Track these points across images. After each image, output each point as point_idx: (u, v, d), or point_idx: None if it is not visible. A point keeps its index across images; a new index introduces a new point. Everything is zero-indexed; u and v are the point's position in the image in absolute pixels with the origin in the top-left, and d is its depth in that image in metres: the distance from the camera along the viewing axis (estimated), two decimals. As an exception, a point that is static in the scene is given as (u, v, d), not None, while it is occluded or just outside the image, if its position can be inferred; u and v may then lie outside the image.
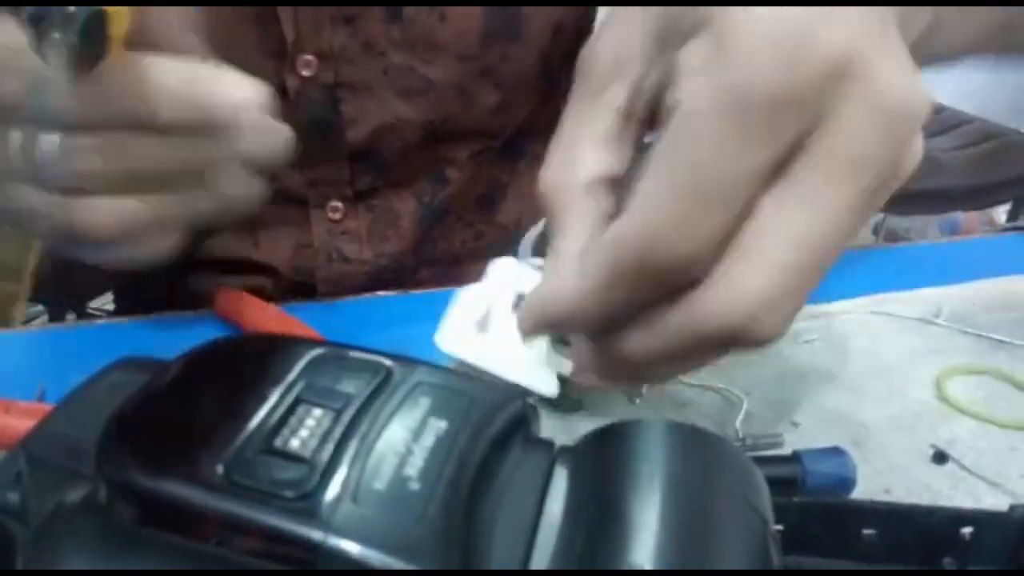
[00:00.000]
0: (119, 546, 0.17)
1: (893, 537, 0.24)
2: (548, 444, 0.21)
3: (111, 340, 0.39)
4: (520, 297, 0.31)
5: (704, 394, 0.34)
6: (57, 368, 0.31)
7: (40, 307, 1.09)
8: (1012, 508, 0.23)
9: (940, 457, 0.31)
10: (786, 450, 0.30)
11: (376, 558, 0.16)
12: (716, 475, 0.21)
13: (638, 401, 0.34)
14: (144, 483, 0.17)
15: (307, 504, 0.16)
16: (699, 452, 0.21)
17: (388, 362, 0.21)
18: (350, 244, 0.50)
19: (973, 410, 0.34)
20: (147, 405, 0.19)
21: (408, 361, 0.21)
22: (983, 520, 0.23)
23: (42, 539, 0.18)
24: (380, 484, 0.17)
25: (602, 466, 0.21)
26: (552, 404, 0.33)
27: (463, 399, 0.20)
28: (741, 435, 0.32)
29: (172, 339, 0.37)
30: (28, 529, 0.19)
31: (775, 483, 0.28)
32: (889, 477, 0.30)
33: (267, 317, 0.40)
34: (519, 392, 0.21)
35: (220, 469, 0.17)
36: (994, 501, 0.29)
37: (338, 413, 0.19)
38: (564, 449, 0.22)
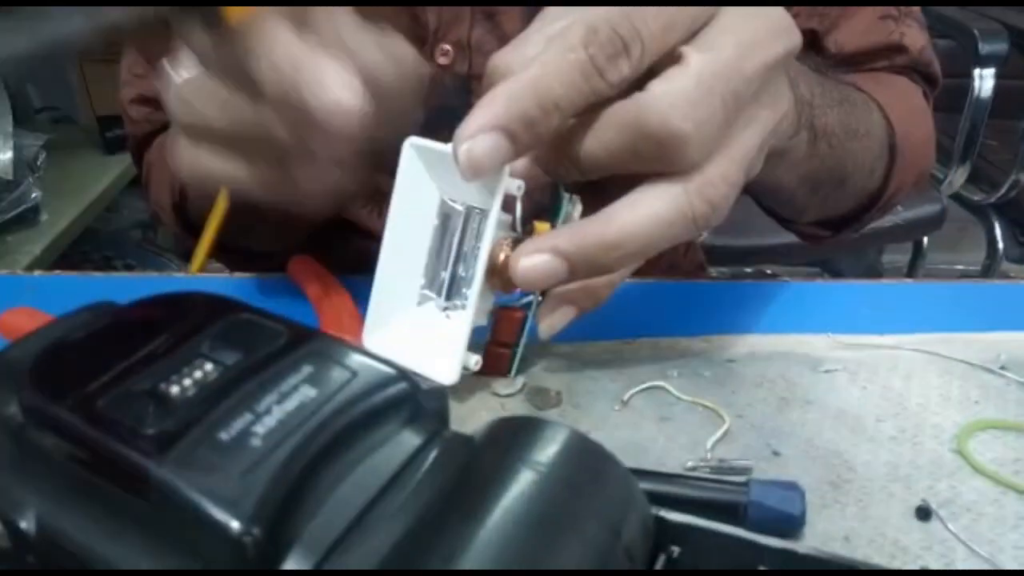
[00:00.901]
0: (21, 460, 0.20)
1: (789, 580, 0.22)
2: (435, 428, 0.22)
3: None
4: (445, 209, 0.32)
5: (693, 410, 0.34)
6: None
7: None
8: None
9: (923, 513, 0.28)
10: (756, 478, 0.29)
11: (190, 494, 0.18)
12: (575, 482, 0.21)
13: (617, 408, 0.33)
14: (41, 408, 0.20)
15: (156, 442, 0.19)
16: (570, 460, 0.21)
17: (289, 329, 0.23)
18: None
19: (990, 470, 0.30)
20: (77, 343, 0.22)
21: (312, 333, 0.23)
22: (887, 580, 0.21)
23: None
24: (226, 435, 0.19)
25: (472, 453, 0.22)
26: (530, 397, 0.34)
27: (345, 373, 0.22)
28: (709, 456, 0.31)
29: (247, 294, 0.41)
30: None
31: (717, 508, 0.28)
32: (856, 524, 0.28)
33: (322, 285, 0.43)
34: (406, 374, 0.22)
35: (100, 404, 0.20)
36: (967, 568, 0.26)
37: (226, 369, 0.21)
38: (455, 435, 0.23)
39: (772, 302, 0.42)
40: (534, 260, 0.28)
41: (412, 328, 0.33)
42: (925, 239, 1.63)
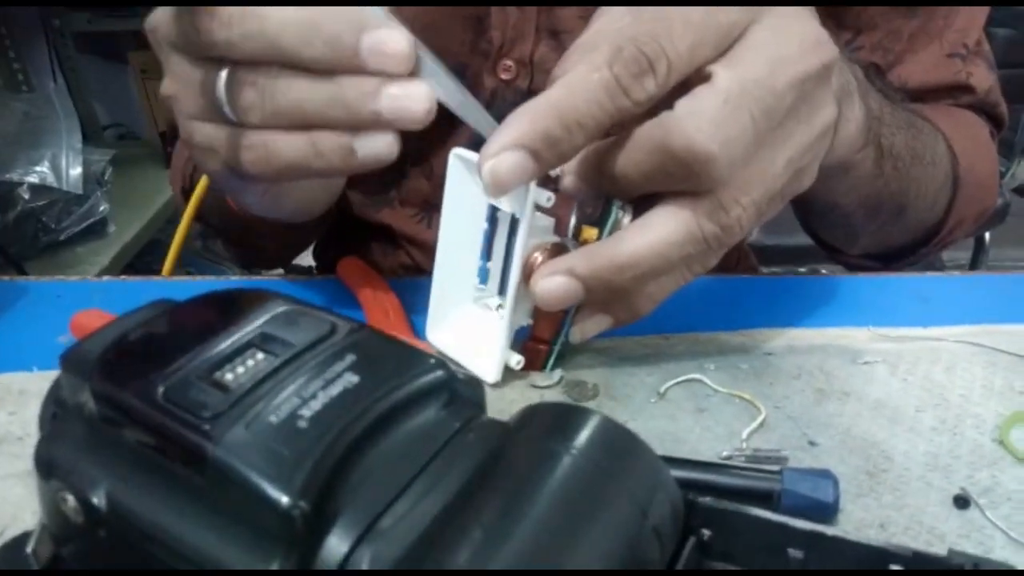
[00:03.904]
0: (94, 442, 0.22)
1: (818, 562, 0.23)
2: (472, 414, 0.24)
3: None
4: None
5: (729, 401, 0.34)
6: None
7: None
8: (951, 553, 0.21)
9: (962, 502, 0.28)
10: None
11: (243, 472, 0.19)
12: (603, 462, 0.21)
13: (654, 400, 0.34)
14: (109, 396, 0.22)
15: (211, 424, 0.20)
16: (599, 442, 0.22)
17: (335, 321, 0.24)
18: None
19: (1033, 459, 0.30)
20: (140, 337, 0.24)
21: (356, 325, 0.24)
22: (915, 562, 0.22)
23: (48, 433, 0.23)
24: (275, 418, 0.21)
25: (505, 437, 0.23)
26: (567, 390, 0.35)
27: (385, 361, 0.23)
28: (745, 446, 0.31)
29: (299, 295, 0.43)
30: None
31: (751, 496, 0.28)
32: (892, 513, 0.28)
33: (369, 285, 0.45)
34: (443, 363, 0.24)
35: (161, 390, 0.21)
36: (1007, 557, 0.26)
37: (275, 358, 0.23)
38: (490, 420, 0.24)
39: (813, 297, 0.42)
40: (552, 282, 0.29)
41: (467, 325, 0.35)
42: (987, 234, 1.58)
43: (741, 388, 0.34)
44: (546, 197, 0.30)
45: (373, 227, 0.58)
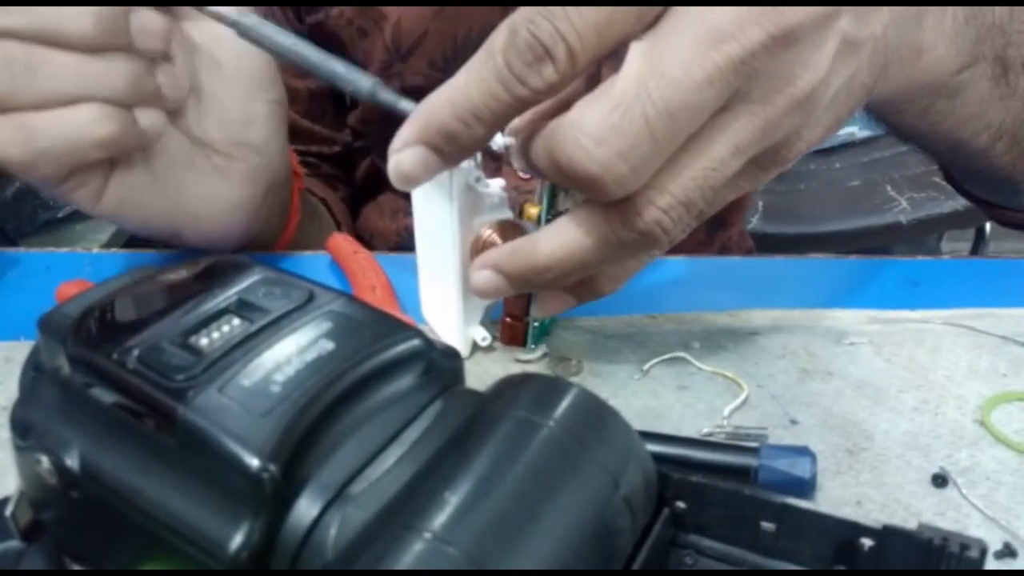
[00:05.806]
0: (68, 405, 0.22)
1: (790, 535, 0.23)
2: (448, 383, 0.24)
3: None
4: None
5: (713, 379, 0.34)
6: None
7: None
8: (921, 527, 0.21)
9: (940, 480, 0.28)
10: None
11: (213, 433, 0.19)
12: (574, 430, 0.21)
13: (637, 377, 0.34)
14: (84, 358, 0.22)
15: (183, 387, 0.20)
16: (571, 410, 0.22)
17: (313, 289, 0.24)
18: None
19: (1013, 440, 0.30)
20: (118, 301, 0.24)
21: (335, 293, 0.24)
22: (885, 535, 0.22)
23: (25, 395, 0.23)
24: (248, 382, 0.21)
25: (480, 406, 0.23)
26: (551, 366, 0.35)
27: (362, 330, 0.23)
28: (726, 423, 0.31)
29: (288, 268, 0.43)
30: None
31: (728, 472, 0.28)
32: (870, 490, 0.28)
33: (358, 260, 0.45)
34: (421, 333, 0.24)
35: (135, 354, 0.21)
36: (982, 534, 0.26)
37: (251, 324, 0.23)
38: (466, 390, 0.24)
39: (802, 278, 0.42)
40: (481, 275, 0.28)
41: (446, 303, 0.35)
42: (988, 225, 1.57)
43: (725, 366, 0.34)
44: (474, 177, 0.30)
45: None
